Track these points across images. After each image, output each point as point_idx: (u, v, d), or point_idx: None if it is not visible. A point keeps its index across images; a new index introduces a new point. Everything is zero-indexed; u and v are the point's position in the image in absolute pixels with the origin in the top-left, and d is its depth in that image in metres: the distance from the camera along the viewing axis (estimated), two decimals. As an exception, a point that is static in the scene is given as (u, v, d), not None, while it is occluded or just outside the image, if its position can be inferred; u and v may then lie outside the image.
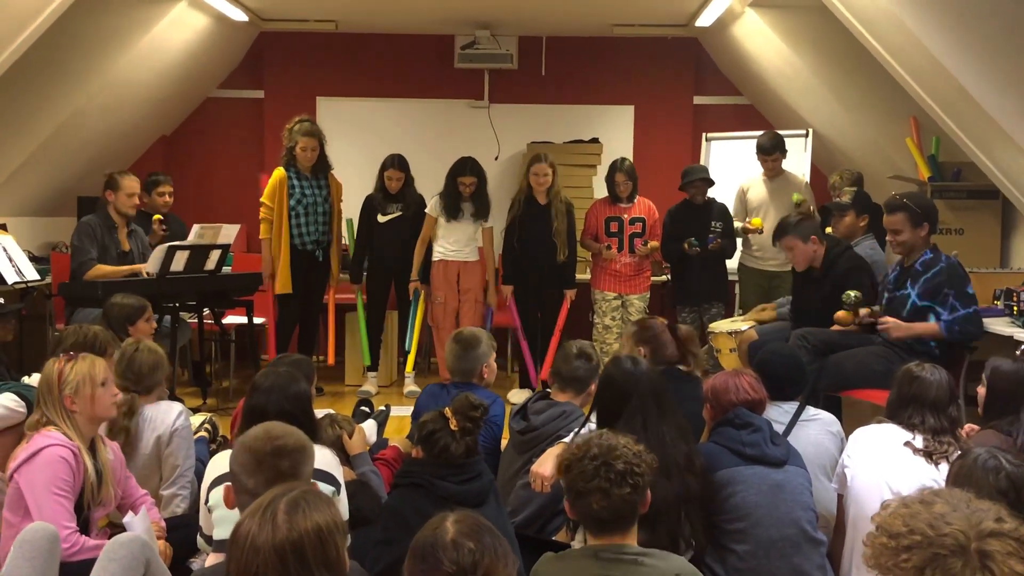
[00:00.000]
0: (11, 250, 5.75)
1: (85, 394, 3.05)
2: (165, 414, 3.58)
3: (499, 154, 7.84)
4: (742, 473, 3.02)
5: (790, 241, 5.05)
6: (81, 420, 3.06)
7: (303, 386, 3.26)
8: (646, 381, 3.10)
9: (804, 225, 5.07)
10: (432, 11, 7.13)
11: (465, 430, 3.00)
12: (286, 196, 6.22)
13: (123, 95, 6.81)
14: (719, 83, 7.98)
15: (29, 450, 2.95)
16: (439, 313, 6.48)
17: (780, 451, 3.08)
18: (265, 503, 1.79)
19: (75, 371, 3.07)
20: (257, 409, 3.09)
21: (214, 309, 6.13)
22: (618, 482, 2.29)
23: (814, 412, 3.59)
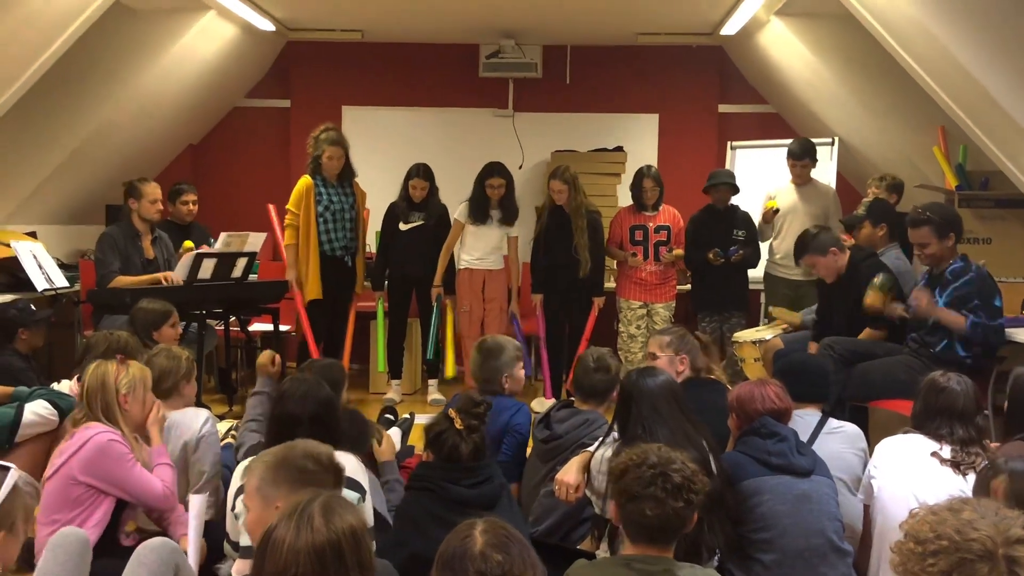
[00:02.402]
0: (41, 257, 5.83)
1: (138, 396, 3.15)
2: (192, 420, 3.61)
3: (523, 163, 7.85)
4: (768, 483, 3.01)
5: (810, 259, 5.06)
6: (128, 419, 3.12)
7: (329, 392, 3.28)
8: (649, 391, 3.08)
9: (820, 239, 5.07)
10: (457, 21, 7.17)
11: (471, 428, 3.03)
12: (313, 203, 6.26)
13: (151, 104, 6.89)
14: (744, 91, 7.97)
15: (74, 445, 3.01)
16: (465, 322, 6.50)
17: (806, 461, 3.07)
18: (298, 508, 1.82)
19: (130, 374, 3.18)
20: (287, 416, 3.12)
21: (240, 316, 6.17)
22: (673, 494, 2.30)
23: (837, 424, 3.57)
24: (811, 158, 6.39)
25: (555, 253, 6.35)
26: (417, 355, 7.03)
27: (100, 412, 3.10)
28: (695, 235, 6.37)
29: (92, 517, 2.96)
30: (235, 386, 6.57)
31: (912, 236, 4.54)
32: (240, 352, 6.88)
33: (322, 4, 6.83)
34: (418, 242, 6.53)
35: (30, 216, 6.68)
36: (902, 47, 5.28)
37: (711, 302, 6.40)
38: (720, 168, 7.08)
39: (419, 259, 6.53)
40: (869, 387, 4.50)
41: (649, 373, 3.15)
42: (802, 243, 5.11)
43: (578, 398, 3.75)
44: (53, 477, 3.00)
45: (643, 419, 3.00)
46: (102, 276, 5.65)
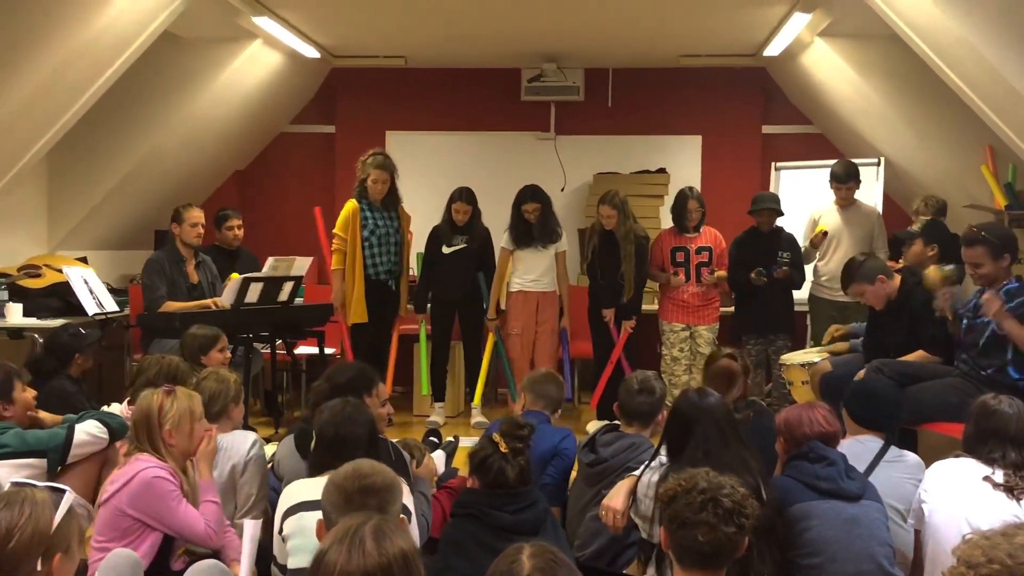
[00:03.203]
0: (92, 282, 5.93)
1: (184, 430, 3.15)
2: (240, 443, 3.64)
3: (565, 185, 7.87)
4: (817, 507, 2.97)
5: (858, 287, 5.00)
6: (176, 452, 3.15)
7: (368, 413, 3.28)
8: (711, 412, 3.07)
9: (867, 267, 5.01)
10: (499, 45, 7.23)
11: (516, 451, 3.03)
12: (359, 227, 6.32)
13: (199, 131, 7.01)
14: (788, 112, 7.93)
15: (123, 477, 3.04)
16: (516, 344, 6.51)
17: (855, 485, 3.02)
18: (350, 531, 1.83)
19: (176, 407, 3.16)
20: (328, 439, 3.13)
21: (286, 339, 6.23)
22: (725, 519, 2.28)
23: (898, 453, 3.49)
24: (855, 181, 6.34)
25: (608, 272, 6.37)
26: (459, 378, 7.04)
27: (147, 445, 3.13)
28: (739, 257, 6.33)
29: (141, 547, 3.00)
30: (281, 409, 6.63)
31: (966, 256, 4.47)
32: (286, 375, 6.94)
33: (366, 31, 6.92)
34: (461, 265, 6.56)
35: (81, 242, 6.81)
36: (948, 66, 5.23)
37: (756, 325, 6.35)
38: (764, 190, 7.05)
39: (462, 282, 6.57)
40: (919, 410, 4.42)
41: (707, 393, 3.14)
42: (849, 271, 5.05)
43: (623, 421, 3.74)
44: (105, 504, 3.04)
45: (706, 442, 2.98)
46: (150, 302, 5.74)
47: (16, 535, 1.91)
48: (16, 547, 1.91)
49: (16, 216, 6.25)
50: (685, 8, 6.09)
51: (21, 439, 3.44)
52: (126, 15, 5.19)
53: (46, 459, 3.47)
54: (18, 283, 5.79)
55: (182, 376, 4.04)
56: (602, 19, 6.37)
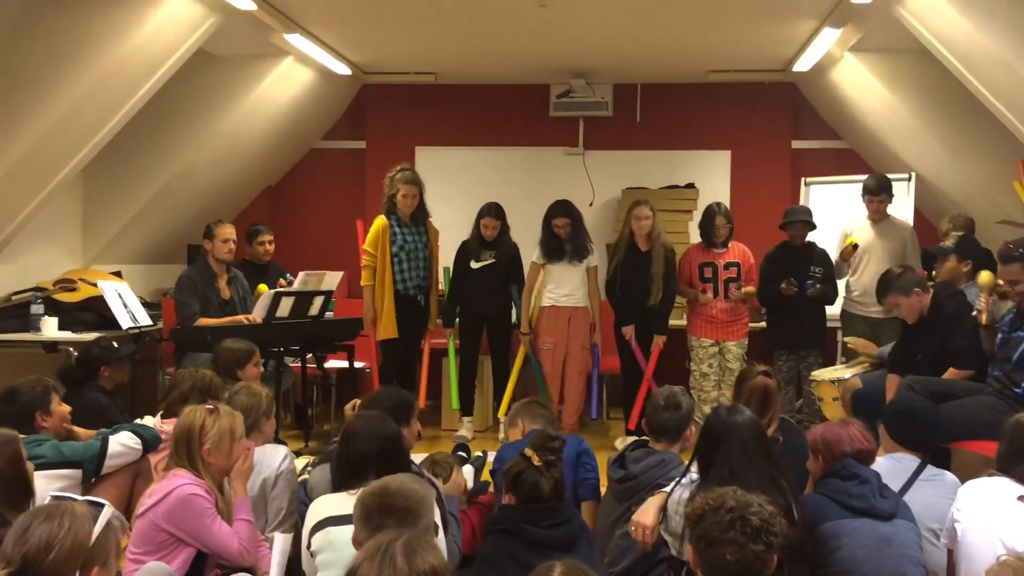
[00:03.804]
0: (126, 296, 6.00)
1: (223, 448, 3.18)
2: (271, 457, 3.67)
3: (594, 200, 7.88)
4: (848, 526, 2.95)
5: (894, 299, 4.98)
6: (214, 470, 3.18)
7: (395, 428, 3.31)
8: (739, 430, 3.06)
9: (904, 279, 4.99)
10: (528, 62, 7.26)
11: (549, 463, 3.04)
12: (388, 243, 6.35)
13: (232, 147, 7.09)
14: (818, 127, 7.90)
15: (160, 492, 3.08)
16: (547, 360, 6.51)
17: (888, 504, 3.00)
18: (381, 547, 1.85)
19: (217, 426, 3.19)
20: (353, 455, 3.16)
21: (316, 353, 6.27)
22: (753, 537, 2.28)
23: (935, 472, 3.46)
24: (888, 194, 6.31)
25: (632, 288, 6.34)
26: (488, 392, 7.05)
27: (185, 461, 3.16)
28: (771, 272, 6.31)
29: (175, 561, 3.03)
30: (311, 422, 6.67)
31: (1002, 273, 4.44)
32: (316, 389, 6.98)
33: (397, 48, 6.98)
34: (489, 280, 6.58)
35: (115, 256, 6.90)
36: (980, 81, 5.21)
37: (787, 340, 6.32)
38: (795, 204, 7.03)
39: (490, 297, 6.59)
40: (952, 428, 4.37)
41: (737, 411, 3.13)
42: (885, 283, 5.04)
43: (651, 437, 3.73)
44: (141, 517, 3.08)
45: (732, 460, 2.97)
46: (183, 318, 5.80)
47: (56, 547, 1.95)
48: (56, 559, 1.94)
49: (52, 230, 6.34)
50: (714, 24, 6.10)
51: (57, 450, 3.50)
52: (161, 33, 5.28)
53: (81, 470, 3.52)
54: (54, 297, 5.88)
55: (215, 390, 4.08)
56: (630, 35, 6.40)
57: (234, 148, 7.13)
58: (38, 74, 5.09)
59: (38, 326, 5.62)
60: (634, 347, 6.44)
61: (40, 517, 1.98)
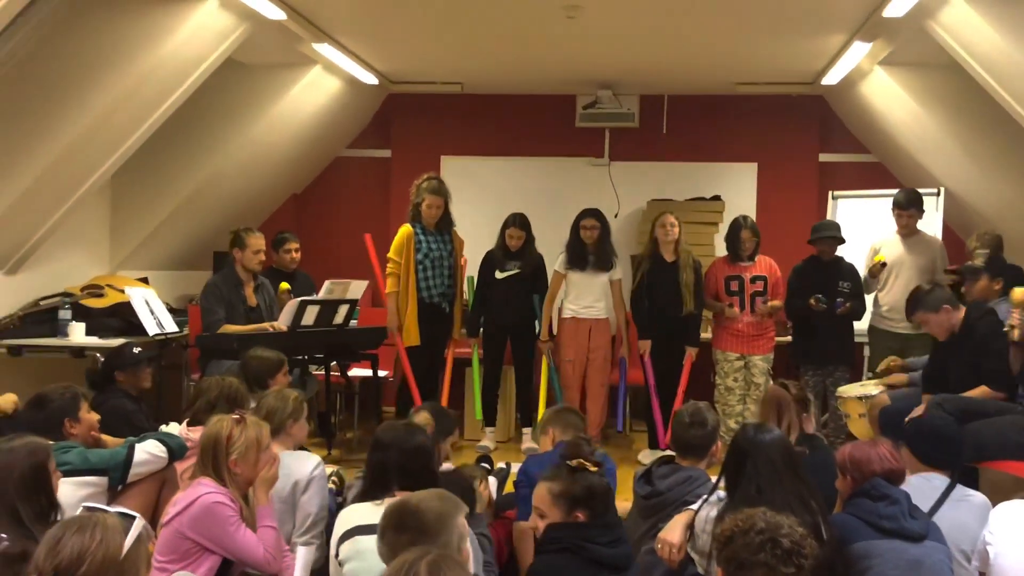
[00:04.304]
0: (153, 303, 6.04)
1: (249, 459, 3.19)
2: (303, 463, 3.69)
3: (619, 211, 7.86)
4: (878, 547, 2.91)
5: (922, 316, 4.94)
6: (240, 480, 3.19)
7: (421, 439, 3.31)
8: (767, 448, 3.03)
9: (933, 296, 4.94)
10: (555, 72, 7.26)
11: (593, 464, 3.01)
12: (413, 251, 6.36)
13: (259, 155, 7.12)
14: (846, 140, 7.85)
15: (184, 500, 3.09)
16: (568, 372, 6.50)
17: (919, 525, 2.97)
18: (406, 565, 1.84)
19: (244, 437, 3.20)
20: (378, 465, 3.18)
21: (340, 362, 6.28)
22: (784, 559, 2.25)
23: (965, 492, 3.42)
24: (917, 208, 6.26)
25: (658, 299, 6.32)
26: (511, 403, 7.04)
27: (211, 470, 3.17)
28: (798, 286, 6.27)
29: (200, 569, 3.04)
30: (333, 430, 6.68)
31: None
32: (339, 397, 6.99)
33: (423, 58, 7.00)
34: (514, 291, 6.58)
35: (142, 262, 6.94)
36: (1012, 96, 5.17)
37: (814, 355, 6.27)
38: (821, 219, 6.99)
39: (515, 308, 6.58)
40: (980, 447, 4.33)
41: (764, 429, 3.10)
42: (914, 300, 4.99)
43: (677, 454, 3.70)
44: (166, 526, 3.09)
45: (759, 478, 2.95)
46: (208, 325, 5.81)
47: (87, 559, 1.95)
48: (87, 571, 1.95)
49: (80, 236, 6.39)
50: (743, 37, 6.07)
51: (83, 457, 3.51)
52: (192, 42, 5.31)
53: (107, 477, 3.53)
54: (81, 302, 5.92)
55: (241, 398, 4.11)
56: (658, 47, 6.39)
57: (261, 156, 7.16)
58: (69, 81, 5.13)
59: (66, 331, 5.66)
60: (646, 362, 6.41)
61: (72, 529, 1.98)
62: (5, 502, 2.56)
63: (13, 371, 5.53)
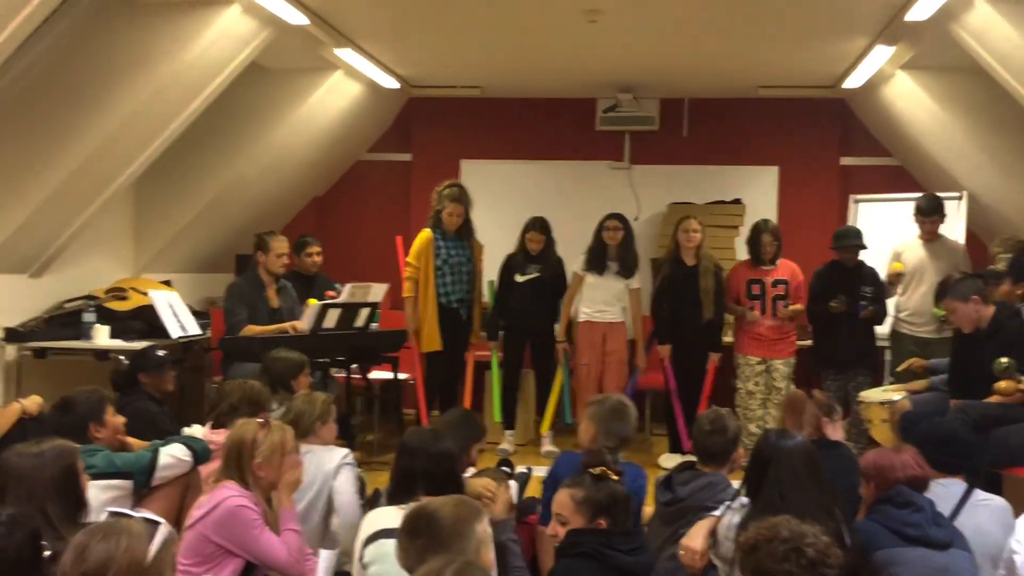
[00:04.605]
0: (176, 306, 6.08)
1: (274, 463, 3.20)
2: (333, 453, 3.78)
3: (639, 215, 7.84)
4: (903, 555, 2.89)
5: (949, 304, 4.88)
6: (263, 484, 3.21)
7: (447, 445, 3.32)
8: (789, 454, 3.02)
9: (963, 285, 4.88)
10: (575, 76, 7.26)
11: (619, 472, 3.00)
12: (432, 256, 6.38)
13: (281, 159, 7.16)
14: (867, 144, 7.81)
15: (208, 504, 3.11)
16: (583, 375, 6.50)
17: (944, 533, 2.95)
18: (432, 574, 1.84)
19: (269, 441, 3.22)
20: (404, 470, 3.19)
21: (361, 364, 6.30)
22: (809, 569, 2.23)
23: (985, 496, 3.39)
24: (940, 214, 6.23)
25: (679, 304, 6.31)
26: (531, 406, 7.05)
27: (235, 473, 3.19)
28: (820, 290, 6.25)
29: (224, 572, 3.06)
30: (354, 433, 6.69)
31: None
32: (360, 400, 7.01)
33: (444, 62, 7.02)
34: (534, 294, 6.59)
35: (165, 265, 6.99)
36: (1037, 100, 5.13)
37: (835, 359, 6.24)
38: (842, 222, 6.97)
39: (535, 311, 6.59)
40: (1006, 453, 4.31)
41: (787, 435, 3.09)
42: (943, 287, 4.94)
43: (698, 460, 3.69)
44: (190, 529, 3.11)
45: (780, 484, 2.94)
46: (231, 326, 5.85)
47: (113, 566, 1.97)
48: (113, 578, 1.97)
49: (104, 240, 6.44)
50: (764, 41, 6.06)
51: (109, 460, 3.53)
52: (216, 47, 5.35)
53: (132, 481, 3.56)
54: (105, 305, 5.96)
55: (263, 402, 4.13)
56: (679, 50, 6.38)
57: (283, 160, 7.20)
58: (94, 87, 5.18)
59: (90, 334, 5.71)
60: (666, 367, 6.40)
61: (98, 536, 2.00)
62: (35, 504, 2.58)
63: (38, 373, 5.59)
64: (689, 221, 6.32)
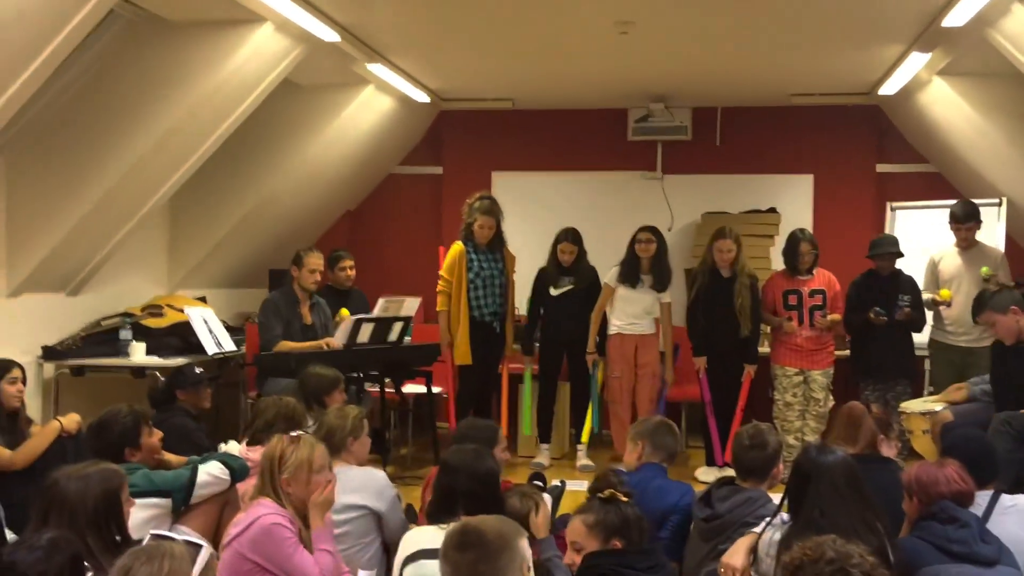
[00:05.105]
0: (211, 322, 6.12)
1: (300, 478, 3.18)
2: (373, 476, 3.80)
3: (672, 225, 7.80)
4: (948, 571, 2.84)
5: (988, 317, 4.82)
6: (294, 499, 3.20)
7: (490, 464, 3.31)
8: (829, 470, 2.98)
9: (1000, 297, 4.83)
10: (606, 87, 7.24)
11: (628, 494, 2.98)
12: (465, 269, 6.38)
13: (314, 174, 7.19)
14: (903, 151, 7.71)
15: (244, 522, 3.11)
16: (615, 388, 6.46)
17: (991, 549, 2.89)
18: None
19: (295, 456, 3.20)
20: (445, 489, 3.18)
21: (395, 379, 6.31)
22: None
23: (1010, 501, 3.32)
24: (975, 221, 6.14)
25: (714, 316, 6.25)
26: (565, 419, 7.01)
27: (269, 489, 3.19)
28: (857, 300, 6.17)
29: None
30: (388, 446, 6.69)
31: None
32: (394, 414, 7.02)
33: (475, 75, 7.02)
34: (569, 307, 6.56)
35: (200, 280, 7.04)
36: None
37: (875, 369, 6.15)
38: (879, 230, 6.89)
39: (571, 324, 6.56)
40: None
41: (827, 450, 3.04)
42: (980, 300, 4.88)
43: (738, 476, 3.65)
44: (227, 547, 3.11)
45: (821, 500, 2.90)
46: (266, 341, 5.88)
47: None
48: (156, 601, 1.97)
49: (140, 256, 6.49)
50: (797, 49, 6.01)
51: (148, 479, 3.55)
52: (250, 65, 5.38)
53: (171, 499, 3.57)
54: (141, 322, 6.01)
55: (299, 418, 4.14)
56: (711, 59, 6.34)
57: (316, 175, 7.23)
58: (130, 106, 5.23)
59: (127, 351, 5.75)
60: (702, 378, 6.35)
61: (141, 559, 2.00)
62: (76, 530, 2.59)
63: (76, 390, 5.64)
64: (723, 241, 6.22)
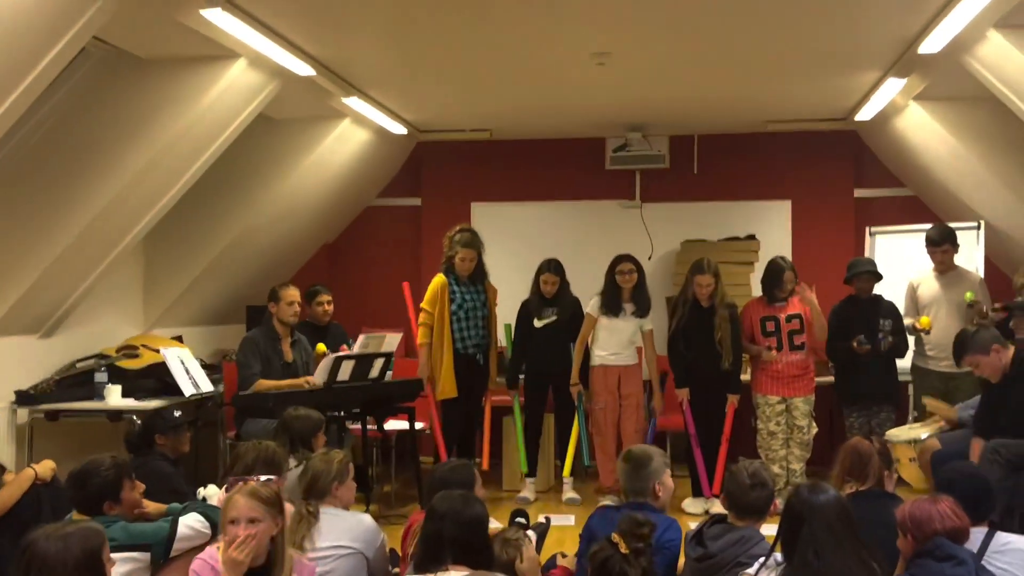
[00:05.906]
0: (188, 362, 6.01)
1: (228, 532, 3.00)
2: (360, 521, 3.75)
3: (652, 253, 7.78)
4: (946, 612, 2.80)
5: (972, 359, 4.80)
6: None
7: (478, 510, 3.23)
8: (822, 510, 2.92)
9: (980, 337, 4.82)
10: (584, 117, 7.24)
11: (637, 551, 2.91)
12: (447, 302, 6.32)
13: (290, 208, 7.12)
14: (881, 175, 7.74)
15: None
16: (600, 419, 6.41)
17: (989, 589, 2.85)
18: None
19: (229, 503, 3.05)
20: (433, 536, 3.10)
21: (377, 416, 6.22)
22: None
23: (1005, 540, 3.27)
24: (951, 244, 6.14)
25: (695, 346, 6.21)
26: (550, 453, 6.95)
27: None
28: (838, 327, 6.15)
29: None
30: (371, 484, 6.60)
31: None
32: (376, 450, 6.93)
33: (452, 107, 7.00)
34: (553, 338, 6.51)
35: (176, 319, 6.93)
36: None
37: (858, 395, 6.13)
38: (858, 255, 6.88)
39: (556, 356, 6.51)
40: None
41: (819, 489, 2.99)
42: (961, 343, 4.86)
43: (732, 515, 3.58)
44: None
45: (816, 542, 2.84)
46: (244, 379, 5.79)
47: None
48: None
49: (113, 297, 6.36)
50: (774, 77, 6.03)
51: (127, 532, 3.45)
52: (224, 100, 5.33)
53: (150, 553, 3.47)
54: (117, 364, 5.90)
55: (279, 462, 4.04)
56: (688, 88, 6.35)
57: (293, 209, 7.16)
58: (103, 145, 5.15)
59: (102, 394, 5.62)
60: (685, 409, 6.30)
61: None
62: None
63: (51, 436, 5.51)
64: (702, 276, 6.13)
